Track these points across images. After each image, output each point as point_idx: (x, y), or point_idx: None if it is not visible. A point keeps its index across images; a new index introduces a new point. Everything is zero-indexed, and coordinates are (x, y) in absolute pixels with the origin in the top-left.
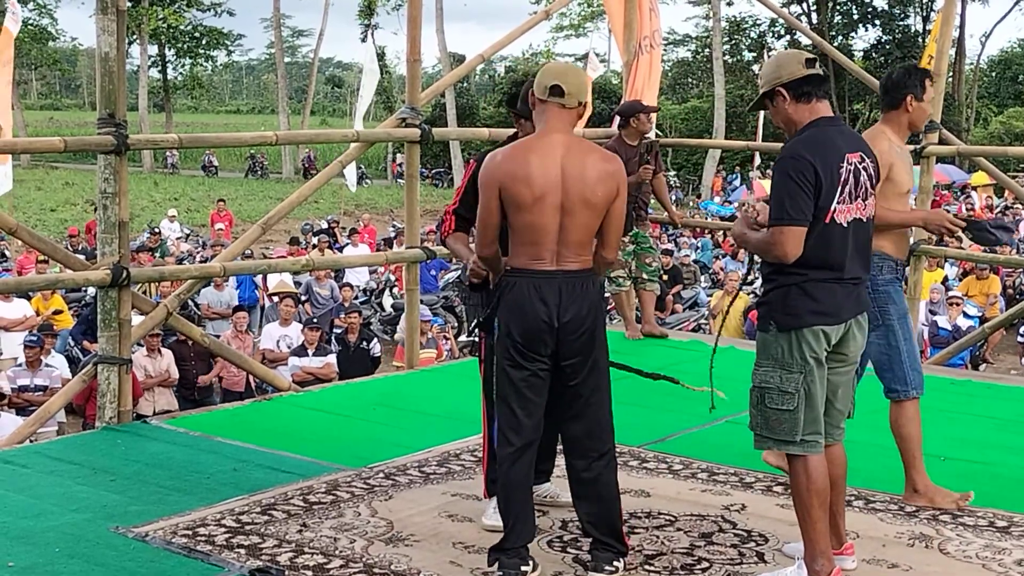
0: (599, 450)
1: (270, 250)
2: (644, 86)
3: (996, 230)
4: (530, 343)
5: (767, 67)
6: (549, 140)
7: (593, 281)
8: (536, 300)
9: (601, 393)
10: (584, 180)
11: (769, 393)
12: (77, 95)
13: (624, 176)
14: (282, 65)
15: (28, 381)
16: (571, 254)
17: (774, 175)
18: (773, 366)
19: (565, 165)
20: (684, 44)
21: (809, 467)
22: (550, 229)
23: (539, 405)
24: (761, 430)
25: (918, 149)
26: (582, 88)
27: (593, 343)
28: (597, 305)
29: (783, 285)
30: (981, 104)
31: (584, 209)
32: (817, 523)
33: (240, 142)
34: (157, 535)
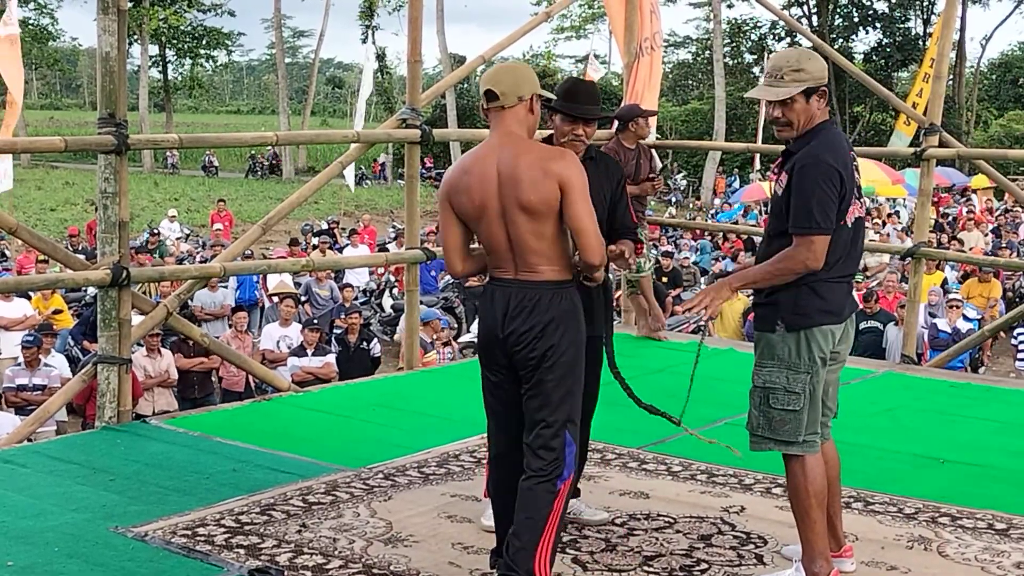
0: (539, 469)
1: (270, 251)
2: (644, 88)
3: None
4: (485, 352)
5: (814, 63)
6: (488, 146)
7: (557, 294)
8: (489, 309)
9: (547, 413)
10: (517, 184)
11: (774, 393)
12: (77, 95)
13: (574, 172)
14: (283, 66)
15: (27, 380)
16: (531, 263)
17: (799, 181)
18: (779, 366)
19: (500, 170)
20: (685, 46)
21: (807, 467)
22: (499, 238)
23: (507, 417)
24: (763, 431)
25: (918, 152)
26: (519, 83)
27: (541, 361)
28: (553, 320)
29: (793, 285)
30: (981, 107)
31: (522, 215)
32: (816, 523)
33: (240, 142)
34: (156, 535)
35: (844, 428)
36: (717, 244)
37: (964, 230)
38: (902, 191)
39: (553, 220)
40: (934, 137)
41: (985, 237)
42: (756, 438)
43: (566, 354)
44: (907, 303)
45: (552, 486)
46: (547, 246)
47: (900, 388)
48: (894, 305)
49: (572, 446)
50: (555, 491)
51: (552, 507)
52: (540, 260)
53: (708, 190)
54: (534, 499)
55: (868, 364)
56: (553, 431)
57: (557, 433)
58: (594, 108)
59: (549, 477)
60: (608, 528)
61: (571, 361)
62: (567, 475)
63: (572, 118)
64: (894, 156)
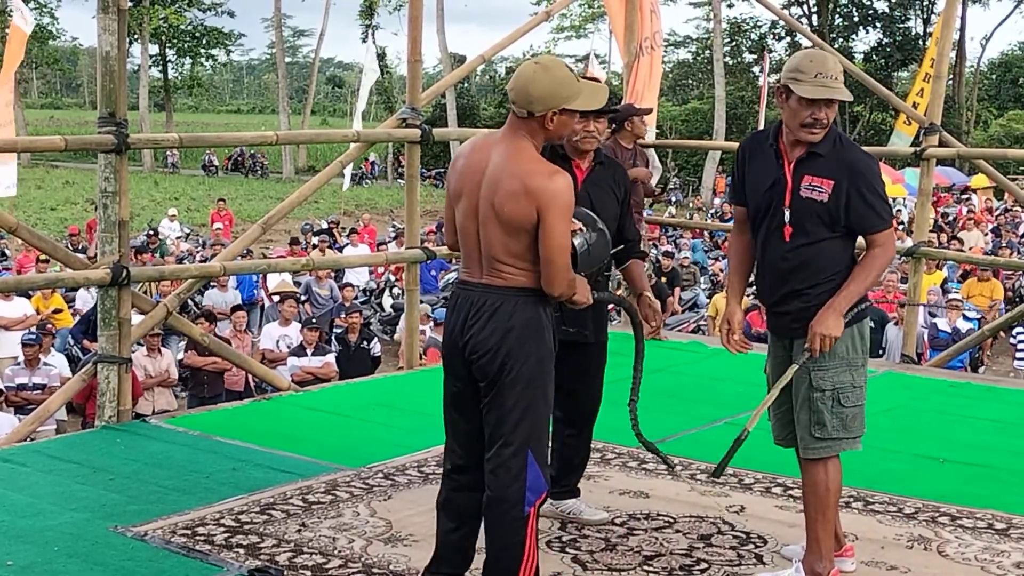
0: (496, 492)
1: (270, 250)
2: (644, 88)
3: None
4: (447, 359)
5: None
6: (491, 140)
7: (522, 302)
8: (452, 314)
9: (505, 428)
10: (496, 190)
11: (844, 392)
12: (78, 94)
13: (557, 197)
14: (283, 65)
15: (26, 380)
16: (498, 267)
17: (868, 181)
18: (842, 365)
19: (487, 169)
20: (684, 45)
21: (836, 467)
22: (470, 234)
23: (468, 430)
24: (838, 432)
25: (918, 151)
26: (532, 99)
27: (501, 370)
28: (514, 328)
29: (840, 284)
30: (981, 107)
31: (492, 221)
32: (829, 523)
33: (240, 142)
34: (156, 534)
35: None
36: (717, 244)
37: (964, 230)
38: (902, 191)
39: (525, 235)
40: (934, 137)
41: (985, 237)
42: (829, 442)
43: (526, 366)
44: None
45: (519, 512)
46: (517, 252)
47: (900, 388)
48: (893, 305)
49: (535, 467)
50: (522, 517)
51: (525, 532)
52: (508, 265)
53: (708, 190)
54: (501, 530)
55: (868, 363)
56: (512, 450)
57: (516, 453)
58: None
59: (511, 503)
60: (608, 528)
61: (532, 375)
62: (534, 499)
63: (582, 114)
64: (894, 156)
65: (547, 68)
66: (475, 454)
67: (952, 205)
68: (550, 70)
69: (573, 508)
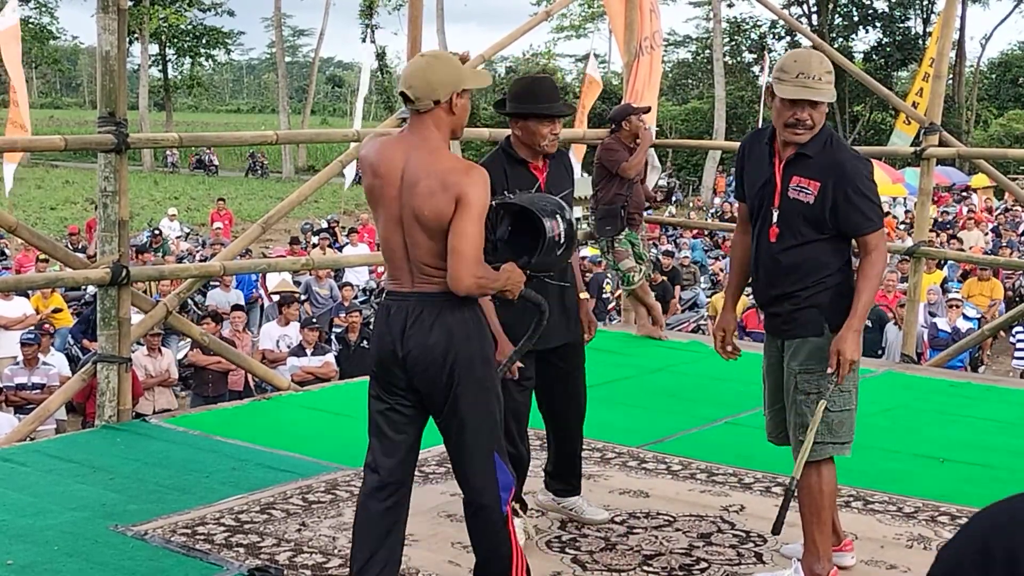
0: (472, 501)
1: (270, 249)
2: (644, 87)
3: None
4: (383, 373)
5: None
6: (401, 147)
7: (459, 306)
8: (385, 325)
9: (468, 436)
10: (414, 193)
11: (834, 398)
12: (77, 94)
13: (475, 191)
14: (283, 64)
15: (25, 379)
16: (429, 274)
17: (858, 183)
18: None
19: (404, 177)
20: (684, 45)
21: (831, 471)
22: (396, 244)
23: (399, 445)
24: (823, 437)
25: (918, 151)
26: (432, 85)
27: (451, 380)
28: (458, 334)
29: (833, 285)
30: (981, 106)
31: (417, 226)
32: (825, 525)
33: (240, 141)
34: (156, 534)
35: None
36: (717, 243)
37: (964, 229)
38: (902, 190)
39: (443, 236)
40: (934, 136)
41: (985, 236)
42: (816, 446)
43: (475, 370)
44: (907, 302)
45: (499, 514)
46: (445, 256)
47: (900, 387)
48: (893, 304)
49: (503, 469)
50: (504, 517)
51: (508, 531)
52: (437, 270)
53: (708, 189)
54: (489, 535)
55: (868, 363)
56: (479, 458)
57: (484, 459)
58: (563, 102)
59: (490, 510)
60: (608, 527)
61: (483, 377)
62: (507, 497)
63: (550, 118)
64: (894, 155)
65: (437, 56)
66: (400, 471)
67: (952, 204)
68: (440, 57)
69: (576, 506)
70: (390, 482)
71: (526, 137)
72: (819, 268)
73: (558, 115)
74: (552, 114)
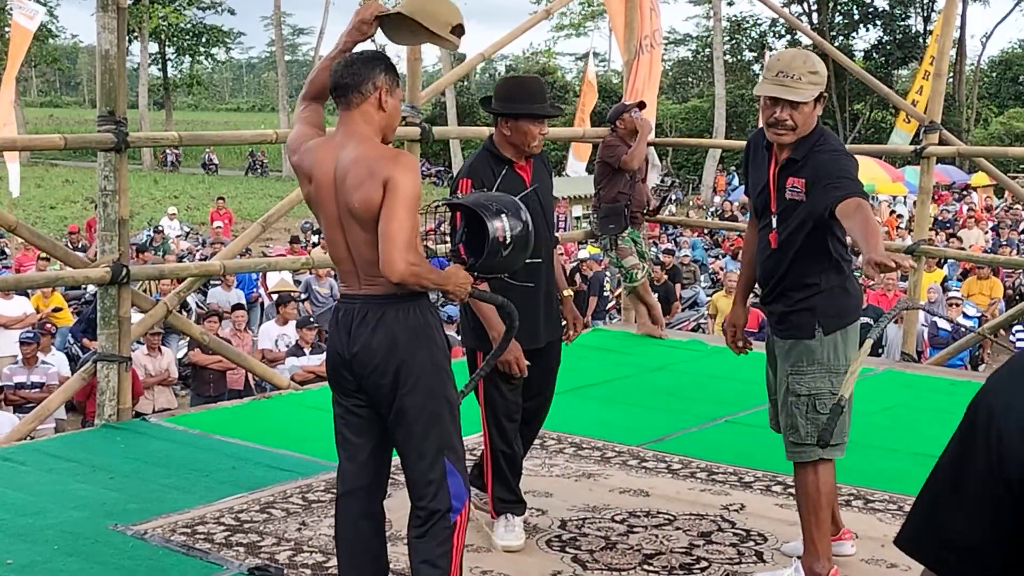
0: (424, 507)
1: (270, 248)
2: (644, 86)
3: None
4: (334, 377)
5: (823, 67)
6: (330, 145)
7: (404, 308)
8: (335, 328)
9: (415, 441)
10: (345, 188)
11: (821, 399)
12: (77, 92)
13: (405, 177)
14: (282, 63)
15: (25, 378)
16: (374, 274)
17: (833, 162)
18: (820, 371)
19: (336, 174)
20: (684, 43)
21: (827, 472)
22: (339, 246)
23: (361, 447)
24: (811, 439)
25: (919, 149)
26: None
27: (396, 383)
28: (401, 336)
29: (826, 288)
30: (981, 105)
31: (353, 224)
32: (823, 524)
33: (240, 140)
34: (156, 533)
35: None
36: (717, 242)
37: (964, 228)
38: (902, 188)
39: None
40: (934, 135)
41: (985, 235)
42: (804, 448)
43: (424, 376)
44: (907, 301)
45: (446, 522)
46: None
47: (900, 386)
48: (894, 303)
49: (455, 475)
50: (450, 526)
51: (452, 543)
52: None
53: (708, 188)
54: (429, 540)
55: (868, 362)
56: (427, 463)
57: (433, 463)
58: (552, 103)
59: (439, 515)
60: (608, 526)
61: (431, 383)
62: (460, 506)
63: (540, 118)
64: (894, 154)
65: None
66: (365, 475)
67: (952, 203)
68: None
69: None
70: (356, 487)
71: (515, 137)
72: (814, 272)
73: (550, 116)
74: (544, 115)
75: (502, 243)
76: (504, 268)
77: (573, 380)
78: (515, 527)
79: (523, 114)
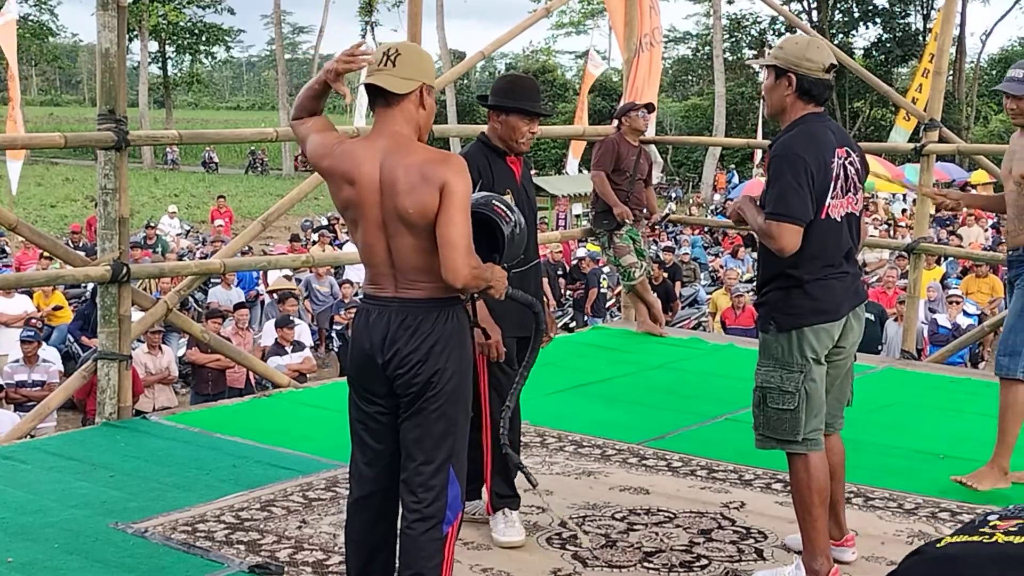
0: (418, 510)
1: (270, 247)
2: (644, 84)
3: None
4: (361, 381)
5: (795, 47)
6: (372, 147)
7: (442, 313)
8: (364, 331)
9: (429, 443)
10: (396, 192)
11: (770, 393)
12: (77, 91)
13: (460, 179)
14: (282, 62)
15: (25, 377)
16: (413, 279)
17: (770, 170)
18: (774, 366)
19: (382, 177)
20: (684, 42)
21: (810, 465)
22: (378, 250)
23: (381, 453)
24: (763, 430)
25: (918, 147)
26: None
27: (425, 388)
28: (439, 342)
29: (784, 286)
30: (981, 102)
31: (402, 226)
32: (817, 521)
33: (240, 138)
34: (156, 531)
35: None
36: (717, 240)
37: (964, 225)
38: (902, 187)
39: (432, 233)
40: (934, 133)
41: (985, 232)
42: (760, 437)
43: (451, 381)
44: (907, 299)
45: (438, 532)
46: (431, 261)
47: (900, 384)
48: (893, 301)
49: (456, 485)
50: (442, 537)
51: (442, 555)
52: (422, 276)
53: (708, 186)
54: (419, 550)
55: (868, 360)
56: (434, 467)
57: (438, 470)
58: (544, 103)
59: (432, 522)
60: (608, 524)
61: (455, 389)
62: (453, 517)
63: (531, 115)
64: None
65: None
66: (383, 479)
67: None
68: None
69: (478, 510)
70: (374, 491)
71: (505, 132)
72: (772, 268)
73: (540, 114)
74: (535, 112)
75: (513, 237)
76: (515, 258)
77: (573, 378)
78: (515, 522)
79: (513, 109)
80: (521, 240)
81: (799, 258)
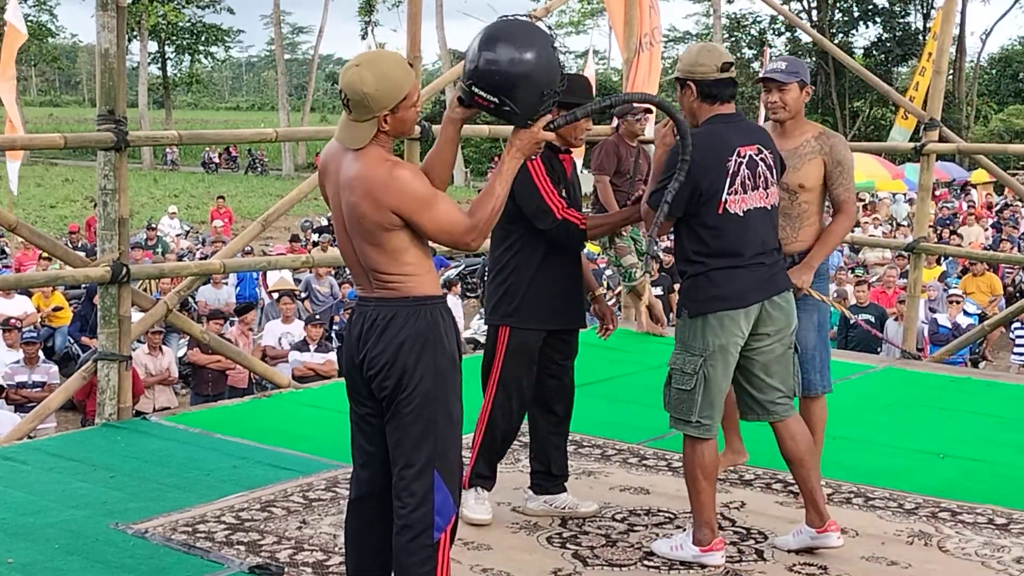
0: (403, 516)
1: (270, 247)
2: (644, 84)
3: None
4: (348, 382)
5: (688, 55)
6: (338, 151)
7: (414, 311)
8: (348, 332)
9: (407, 446)
10: (348, 201)
11: (675, 374)
12: (77, 91)
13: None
14: (282, 62)
15: (26, 378)
16: (384, 279)
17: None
18: (681, 349)
19: (341, 184)
20: (684, 41)
21: (699, 448)
22: (348, 251)
23: (374, 455)
24: (670, 408)
25: (918, 147)
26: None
27: (396, 390)
28: (406, 341)
29: (692, 275)
30: (981, 102)
31: (357, 234)
32: (701, 494)
33: (240, 139)
34: (157, 532)
35: (844, 423)
36: None
37: (964, 225)
38: (902, 186)
39: (392, 237)
40: (934, 132)
41: (985, 232)
42: (670, 417)
43: (423, 382)
44: (907, 298)
45: (428, 539)
46: (399, 259)
47: (900, 383)
48: (893, 300)
49: (443, 490)
50: (432, 545)
51: (435, 561)
52: (394, 275)
53: None
54: (409, 556)
55: (868, 359)
56: (414, 471)
57: (420, 475)
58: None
59: (415, 531)
60: (608, 523)
61: (430, 390)
62: (444, 523)
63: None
64: (894, 151)
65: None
66: (378, 482)
67: (952, 200)
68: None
69: (568, 503)
70: (370, 492)
71: (567, 129)
72: (681, 260)
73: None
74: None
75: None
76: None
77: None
78: (484, 501)
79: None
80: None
81: (704, 249)
